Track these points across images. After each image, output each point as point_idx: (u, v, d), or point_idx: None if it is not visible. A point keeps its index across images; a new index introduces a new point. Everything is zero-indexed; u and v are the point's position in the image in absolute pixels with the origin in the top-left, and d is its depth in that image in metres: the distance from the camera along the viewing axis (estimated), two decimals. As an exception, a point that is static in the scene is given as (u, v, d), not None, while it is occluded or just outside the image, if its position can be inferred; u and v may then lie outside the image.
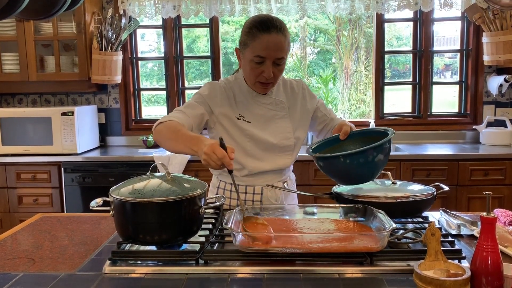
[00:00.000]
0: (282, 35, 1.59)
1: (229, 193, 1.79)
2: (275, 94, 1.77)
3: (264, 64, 1.59)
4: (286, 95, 1.80)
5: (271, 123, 1.74)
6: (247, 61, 1.63)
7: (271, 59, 1.58)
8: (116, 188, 1.35)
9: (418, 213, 1.57)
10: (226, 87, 1.74)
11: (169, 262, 1.28)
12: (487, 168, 3.13)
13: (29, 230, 1.66)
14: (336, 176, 1.60)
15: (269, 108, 1.74)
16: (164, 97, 4.00)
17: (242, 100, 1.73)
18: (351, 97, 7.89)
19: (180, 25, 3.88)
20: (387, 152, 1.54)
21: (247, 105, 1.73)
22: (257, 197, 1.76)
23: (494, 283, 1.04)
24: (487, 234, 1.06)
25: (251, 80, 1.67)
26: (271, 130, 1.73)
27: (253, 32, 1.58)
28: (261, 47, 1.57)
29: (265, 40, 1.56)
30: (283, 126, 1.75)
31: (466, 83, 3.76)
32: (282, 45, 1.58)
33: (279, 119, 1.75)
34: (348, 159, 1.49)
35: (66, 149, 3.36)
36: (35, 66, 3.50)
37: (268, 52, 1.57)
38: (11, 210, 3.37)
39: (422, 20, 3.70)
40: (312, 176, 3.16)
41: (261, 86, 1.67)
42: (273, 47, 1.57)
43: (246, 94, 1.73)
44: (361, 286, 1.16)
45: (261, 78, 1.62)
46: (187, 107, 1.68)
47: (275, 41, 1.57)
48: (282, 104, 1.76)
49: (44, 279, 1.22)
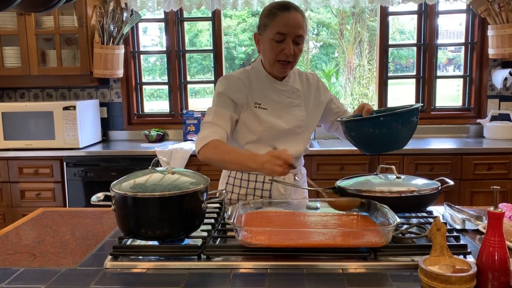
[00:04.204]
0: (301, 15, 1.64)
1: (239, 182, 1.79)
2: (293, 82, 1.78)
3: (285, 42, 1.62)
4: (302, 85, 1.82)
5: (286, 110, 1.76)
6: (267, 41, 1.65)
7: (292, 36, 1.61)
8: (118, 182, 1.34)
9: (422, 208, 1.56)
10: (242, 76, 1.75)
11: (171, 257, 1.27)
12: (491, 162, 3.11)
13: (30, 224, 1.65)
14: (365, 142, 1.60)
15: (286, 95, 1.76)
16: (166, 91, 3.98)
17: (259, 87, 1.74)
18: (354, 91, 7.86)
19: (182, 19, 3.85)
20: (416, 122, 1.57)
21: (264, 91, 1.74)
22: (267, 186, 1.76)
23: (501, 278, 1.03)
24: (494, 229, 1.05)
25: (271, 60, 1.67)
26: (286, 117, 1.75)
27: (273, 12, 1.63)
28: (282, 24, 1.60)
29: (285, 17, 1.61)
30: (297, 114, 1.77)
31: (471, 77, 3.73)
32: (301, 23, 1.63)
33: (294, 107, 1.77)
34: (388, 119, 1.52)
35: (68, 144, 3.35)
36: (36, 60, 3.49)
37: (289, 28, 1.60)
38: (14, 204, 3.37)
39: (426, 13, 3.66)
40: (315, 171, 3.15)
41: (281, 66, 1.68)
42: (294, 24, 1.61)
43: (264, 81, 1.75)
44: (365, 281, 1.15)
45: (282, 56, 1.64)
46: (215, 116, 1.69)
47: (295, 18, 1.61)
48: (298, 93, 1.78)
49: (45, 274, 1.21)
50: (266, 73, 1.74)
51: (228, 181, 1.82)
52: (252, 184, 1.77)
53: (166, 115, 3.93)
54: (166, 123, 3.84)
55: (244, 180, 1.78)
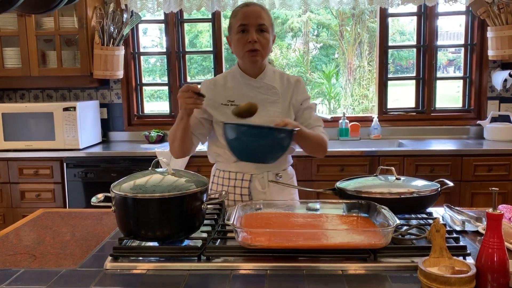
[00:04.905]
0: (260, 7, 1.76)
1: (221, 180, 1.85)
2: (268, 80, 1.83)
3: (248, 32, 1.72)
4: (282, 84, 1.85)
5: (261, 107, 1.76)
6: (235, 37, 1.75)
7: (253, 25, 1.72)
8: (118, 183, 1.34)
9: (422, 209, 1.56)
10: (218, 78, 1.88)
11: (171, 258, 1.27)
12: (491, 163, 3.11)
13: (30, 225, 1.65)
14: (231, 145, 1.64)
15: (260, 92, 1.81)
16: (166, 92, 3.99)
17: (235, 85, 1.83)
18: (354, 92, 7.86)
19: (182, 20, 3.86)
20: (282, 143, 1.58)
21: (239, 89, 1.82)
22: (246, 184, 1.79)
23: (500, 280, 1.03)
24: (493, 231, 1.05)
25: (240, 53, 1.76)
26: (260, 114, 1.74)
27: (236, 11, 1.78)
28: (242, 17, 1.73)
29: (245, 11, 1.74)
30: (272, 110, 1.80)
31: (470, 78, 3.73)
32: (261, 13, 1.74)
33: (269, 103, 1.81)
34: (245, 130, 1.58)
35: (68, 145, 3.35)
36: (36, 61, 3.49)
37: (249, 19, 1.72)
38: (14, 205, 3.37)
39: (426, 14, 3.66)
40: (314, 172, 3.15)
41: (250, 55, 1.75)
42: (253, 15, 1.73)
43: (239, 78, 1.83)
44: (365, 282, 1.15)
45: (248, 45, 1.73)
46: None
47: (254, 10, 1.74)
48: (275, 90, 1.82)
49: (45, 275, 1.21)
50: (240, 71, 1.83)
51: (213, 180, 1.89)
52: (232, 182, 1.81)
53: (166, 116, 3.93)
54: (166, 124, 3.84)
55: (225, 178, 1.83)
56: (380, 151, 3.18)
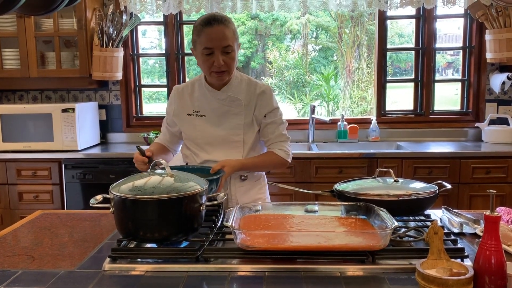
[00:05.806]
0: (224, 26, 1.71)
1: None
2: (233, 92, 1.84)
3: (214, 55, 1.71)
4: (247, 95, 1.85)
5: (224, 118, 1.85)
6: (200, 56, 1.75)
7: (218, 48, 1.70)
8: (116, 185, 1.34)
9: (420, 211, 1.56)
10: (185, 87, 1.92)
11: (169, 260, 1.27)
12: (489, 166, 3.12)
13: (28, 227, 1.65)
14: None
15: (223, 104, 1.84)
16: (165, 94, 3.99)
17: (200, 96, 1.87)
18: (352, 95, 7.87)
19: (181, 22, 3.86)
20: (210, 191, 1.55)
21: (204, 100, 1.86)
22: None
23: (498, 282, 1.03)
24: (490, 233, 1.05)
25: (207, 72, 1.78)
26: (223, 124, 1.84)
27: (198, 29, 1.73)
28: (207, 40, 1.70)
29: (208, 33, 1.70)
30: (234, 122, 1.84)
31: (469, 81, 3.74)
32: (225, 34, 1.71)
33: (233, 114, 1.84)
34: None
35: (67, 146, 3.35)
36: (35, 62, 3.49)
37: (213, 42, 1.70)
38: (12, 206, 3.36)
39: (424, 17, 3.67)
40: (313, 174, 3.15)
41: (217, 76, 1.76)
42: (217, 37, 1.69)
43: (204, 90, 1.86)
44: (363, 284, 1.15)
45: (214, 68, 1.73)
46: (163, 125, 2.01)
47: (218, 32, 1.70)
48: (238, 102, 1.83)
49: (43, 277, 1.21)
50: (205, 83, 1.85)
51: None
52: None
53: (165, 118, 3.93)
54: (165, 125, 3.84)
55: None
56: (379, 153, 3.19)
